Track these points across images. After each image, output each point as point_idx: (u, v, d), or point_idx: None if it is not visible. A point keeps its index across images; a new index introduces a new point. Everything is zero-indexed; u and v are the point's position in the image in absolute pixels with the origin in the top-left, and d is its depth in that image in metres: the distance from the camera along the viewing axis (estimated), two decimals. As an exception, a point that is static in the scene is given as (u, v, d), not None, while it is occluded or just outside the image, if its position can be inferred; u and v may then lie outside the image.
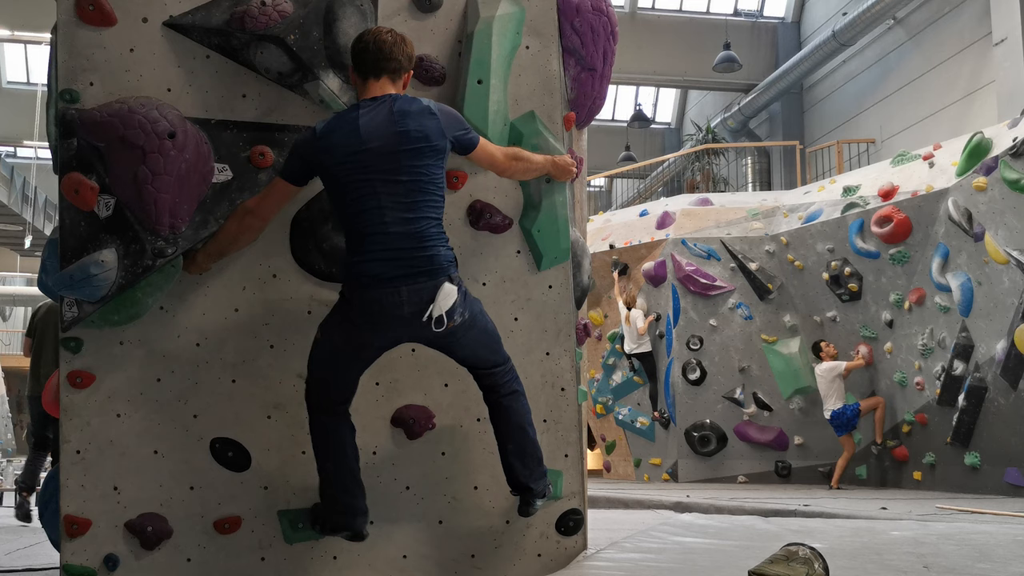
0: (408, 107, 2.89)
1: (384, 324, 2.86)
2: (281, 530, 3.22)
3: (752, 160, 18.60)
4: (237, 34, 3.10)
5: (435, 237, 2.88)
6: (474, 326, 2.97)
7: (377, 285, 2.81)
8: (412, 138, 2.84)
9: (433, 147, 2.88)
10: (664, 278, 10.85)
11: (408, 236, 2.83)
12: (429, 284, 2.81)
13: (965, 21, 14.44)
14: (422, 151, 2.86)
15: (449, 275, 2.86)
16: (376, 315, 2.83)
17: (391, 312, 2.82)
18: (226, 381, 3.23)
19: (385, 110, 2.87)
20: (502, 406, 3.07)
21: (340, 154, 2.85)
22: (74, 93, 3.12)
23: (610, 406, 11.69)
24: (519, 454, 3.07)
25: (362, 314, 2.85)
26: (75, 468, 3.14)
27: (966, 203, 8.41)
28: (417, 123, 2.86)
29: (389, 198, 2.83)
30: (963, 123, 13.62)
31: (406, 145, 2.84)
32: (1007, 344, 8.05)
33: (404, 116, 2.86)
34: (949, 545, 4.01)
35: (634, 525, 5.38)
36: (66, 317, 3.09)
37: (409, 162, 2.84)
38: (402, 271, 2.81)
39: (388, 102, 2.90)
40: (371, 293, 2.82)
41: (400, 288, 2.80)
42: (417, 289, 2.81)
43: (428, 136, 2.87)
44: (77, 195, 3.04)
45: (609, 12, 3.61)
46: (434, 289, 2.81)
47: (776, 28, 20.55)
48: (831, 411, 9.33)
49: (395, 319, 2.84)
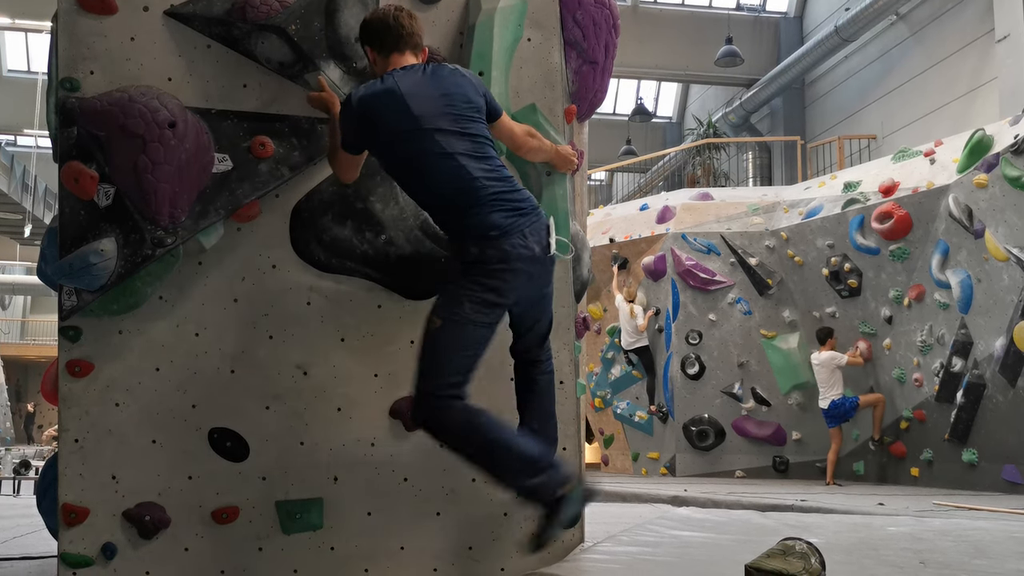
0: (441, 72, 2.92)
1: (523, 270, 2.81)
2: (279, 521, 3.22)
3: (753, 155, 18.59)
4: (238, 24, 3.09)
5: (513, 181, 2.93)
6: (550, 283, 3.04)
7: (506, 234, 2.78)
8: (456, 97, 2.87)
9: (474, 105, 2.91)
10: (664, 272, 10.85)
11: (499, 181, 2.85)
12: (539, 220, 2.87)
13: (968, 18, 14.41)
14: (468, 109, 2.89)
15: (535, 206, 2.91)
16: (515, 261, 2.78)
17: (526, 255, 2.81)
18: (225, 371, 3.23)
19: (420, 75, 2.90)
20: (539, 384, 3.09)
21: (386, 124, 2.84)
22: (74, 82, 3.11)
23: (608, 400, 11.70)
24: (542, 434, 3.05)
25: (502, 266, 2.77)
26: (73, 457, 3.14)
27: (967, 200, 8.40)
28: (455, 83, 2.90)
29: (463, 155, 2.82)
30: (965, 120, 13.61)
31: (454, 104, 2.86)
32: (1006, 341, 8.05)
33: (440, 80, 2.89)
34: (946, 541, 4.02)
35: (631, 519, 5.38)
36: (65, 306, 3.09)
37: (463, 119, 2.87)
38: (516, 215, 2.82)
39: (420, 70, 2.92)
40: (504, 243, 2.77)
41: (523, 229, 2.82)
42: (535, 227, 2.85)
43: (467, 95, 2.90)
44: (77, 184, 3.04)
45: (611, 5, 3.60)
46: (544, 223, 2.88)
47: (778, 23, 20.52)
48: (831, 400, 9.30)
49: (530, 260, 2.82)
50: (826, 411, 9.40)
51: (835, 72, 18.48)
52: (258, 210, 3.22)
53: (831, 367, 9.33)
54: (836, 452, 9.44)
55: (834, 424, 9.40)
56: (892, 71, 16.50)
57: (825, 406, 9.39)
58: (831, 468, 9.40)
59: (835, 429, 9.42)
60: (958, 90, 14.54)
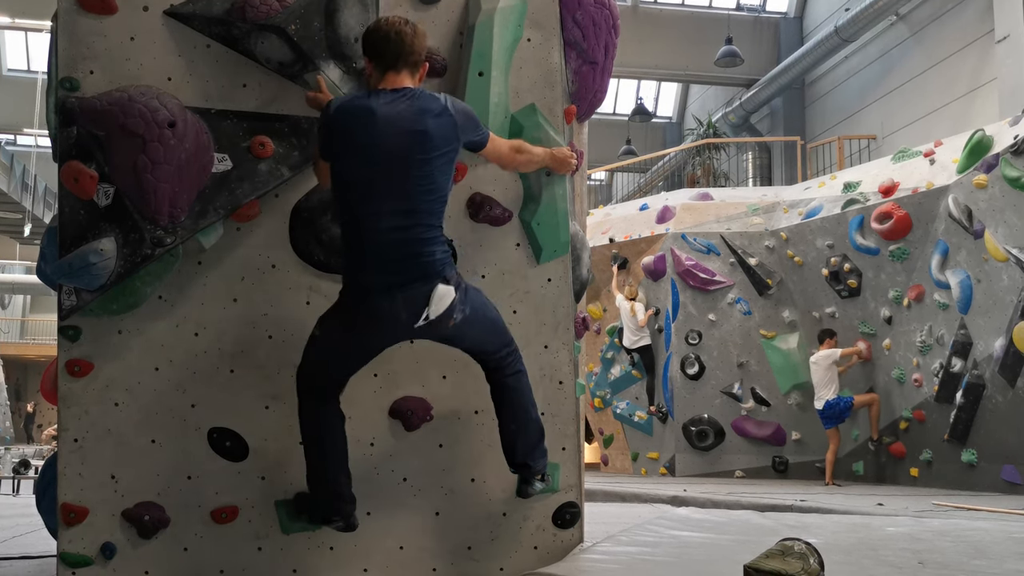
0: (428, 105, 2.85)
1: (383, 330, 2.88)
2: (278, 520, 3.23)
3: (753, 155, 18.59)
4: (238, 23, 3.09)
5: (430, 242, 2.83)
6: (477, 320, 2.96)
7: (373, 294, 2.81)
8: (428, 138, 2.82)
9: (447, 151, 2.87)
10: (663, 272, 10.85)
11: (402, 244, 2.80)
12: (424, 288, 2.79)
13: (967, 18, 14.42)
14: (435, 154, 2.84)
15: (444, 277, 2.82)
16: (375, 322, 2.84)
17: (389, 319, 2.82)
18: (224, 371, 3.23)
19: (405, 105, 2.84)
20: (507, 386, 3.08)
21: (351, 140, 2.83)
22: (74, 81, 3.12)
23: (608, 400, 11.70)
24: (522, 433, 3.09)
25: (362, 322, 2.86)
26: (73, 456, 3.14)
27: (966, 200, 8.40)
28: (436, 124, 2.84)
29: (388, 204, 2.80)
30: (964, 120, 13.61)
31: (421, 147, 2.81)
32: (1005, 342, 8.05)
33: (423, 115, 2.83)
34: (945, 542, 4.02)
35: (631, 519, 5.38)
36: (64, 305, 3.09)
37: (419, 166, 2.82)
38: (396, 278, 2.79)
39: (408, 97, 2.87)
40: (368, 302, 2.82)
41: (395, 295, 2.79)
42: (412, 295, 2.79)
43: (446, 138, 2.85)
44: (76, 183, 3.04)
45: (611, 5, 3.60)
46: (429, 293, 2.79)
47: (778, 23, 20.52)
48: (825, 401, 9.28)
49: (394, 324, 2.84)
50: (821, 412, 9.38)
51: (835, 72, 18.48)
52: (258, 210, 3.22)
53: (826, 365, 9.30)
54: (835, 452, 9.43)
55: (830, 425, 9.38)
56: (892, 71, 16.50)
57: (820, 406, 9.37)
58: (830, 468, 9.40)
59: (832, 430, 9.40)
60: (958, 90, 14.54)
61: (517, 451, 3.10)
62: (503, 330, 3.09)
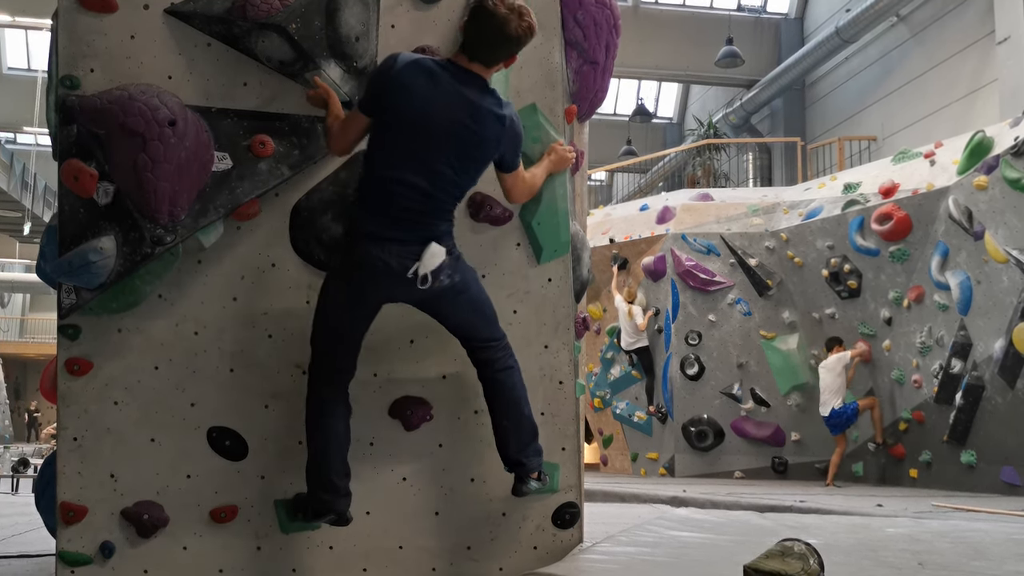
0: (495, 108, 2.90)
1: (375, 279, 2.89)
2: (277, 520, 3.22)
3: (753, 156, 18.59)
4: (239, 22, 3.08)
5: (440, 220, 2.93)
6: (466, 291, 3.00)
7: (369, 241, 2.86)
8: (480, 138, 2.89)
9: (487, 154, 2.96)
10: (664, 273, 10.85)
11: (416, 214, 2.87)
12: (418, 247, 2.86)
13: (968, 19, 14.42)
14: (477, 153, 2.93)
15: (440, 240, 2.89)
16: (367, 270, 2.87)
17: (381, 267, 2.85)
18: (224, 370, 3.23)
19: (474, 93, 2.88)
20: (497, 381, 3.09)
21: (409, 98, 2.83)
22: (74, 79, 3.11)
23: (608, 400, 11.70)
24: (514, 430, 3.09)
25: (355, 266, 2.89)
26: (72, 455, 3.14)
27: (966, 202, 8.40)
28: (494, 128, 2.90)
29: (416, 177, 2.85)
30: (965, 122, 13.60)
31: (470, 140, 2.88)
32: (1005, 343, 8.05)
33: (486, 113, 2.88)
34: (944, 543, 4.02)
35: (630, 519, 5.38)
36: (64, 304, 3.09)
37: (459, 156, 2.89)
38: (398, 234, 2.86)
39: (480, 87, 2.90)
40: (362, 247, 2.87)
41: (390, 246, 2.85)
42: (407, 250, 2.86)
43: (494, 144, 2.93)
44: (76, 182, 3.03)
45: (612, 5, 3.60)
46: (422, 250, 2.85)
47: (779, 24, 20.53)
48: (832, 408, 9.25)
49: (385, 273, 2.86)
50: (827, 419, 9.37)
51: (836, 73, 18.48)
52: (258, 209, 3.22)
53: (838, 369, 9.28)
54: (840, 455, 9.43)
55: (838, 431, 9.39)
56: (892, 72, 16.50)
57: (826, 413, 9.35)
58: (833, 470, 9.39)
59: (840, 435, 9.41)
60: (958, 92, 14.54)
61: (511, 448, 3.10)
62: (493, 319, 3.11)
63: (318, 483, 3.00)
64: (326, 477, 2.99)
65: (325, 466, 2.98)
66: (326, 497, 2.99)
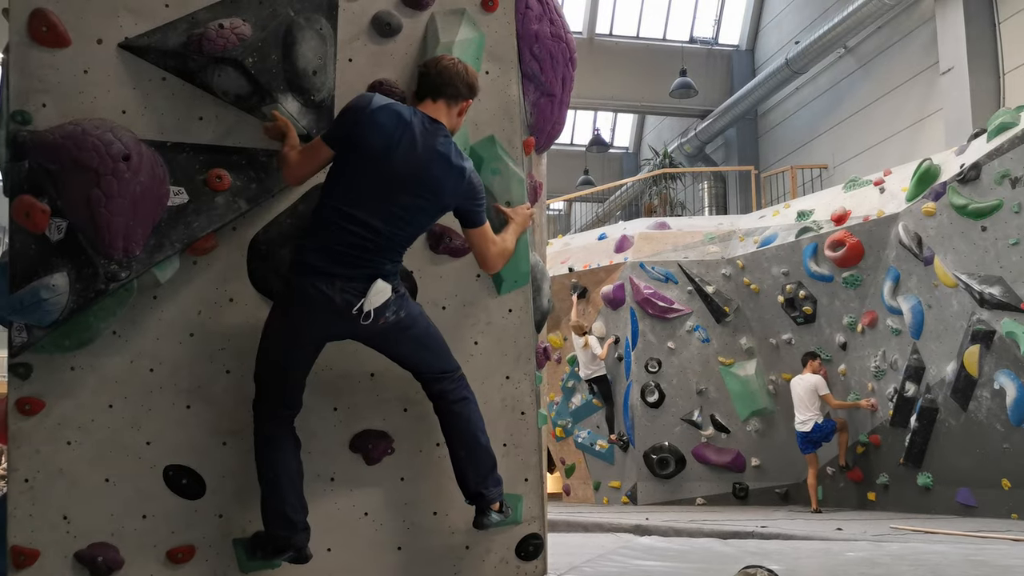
0: (454, 159, 2.97)
1: (316, 313, 2.88)
2: (236, 559, 3.16)
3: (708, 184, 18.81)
4: (194, 56, 3.07)
5: (387, 261, 2.94)
6: (412, 327, 3.01)
7: (314, 274, 2.86)
8: (440, 186, 2.94)
9: (444, 203, 3.00)
10: (623, 301, 10.92)
11: (364, 251, 2.89)
12: (364, 284, 2.88)
13: (913, 51, 14.81)
14: (434, 201, 2.97)
15: (385, 278, 2.90)
16: (309, 303, 2.87)
17: (323, 302, 2.85)
18: (180, 407, 3.17)
19: (439, 143, 2.95)
20: (453, 413, 3.08)
21: (377, 141, 2.88)
22: (26, 114, 3.07)
23: (569, 429, 11.69)
24: (472, 461, 3.08)
25: (297, 301, 2.89)
26: (23, 497, 3.05)
27: (916, 228, 8.59)
28: (453, 179, 2.96)
29: (371, 216, 2.88)
30: (912, 149, 13.93)
31: (429, 187, 2.93)
32: (957, 366, 8.21)
33: (447, 163, 2.95)
34: (903, 565, 4.06)
35: (594, 549, 5.36)
36: (15, 342, 3.02)
37: (416, 202, 2.93)
38: (344, 270, 2.87)
39: (443, 137, 2.98)
40: (306, 280, 2.87)
41: (335, 281, 2.85)
42: (351, 285, 2.86)
43: (453, 193, 2.98)
44: (28, 218, 2.98)
45: (568, 39, 3.65)
46: (367, 287, 2.86)
47: (731, 55, 20.90)
48: (814, 423, 9.11)
49: (327, 309, 2.86)
50: (808, 434, 9.18)
51: (786, 103, 18.84)
52: (215, 243, 3.19)
53: (810, 389, 9.21)
54: (815, 476, 9.35)
55: (810, 450, 9.26)
56: (841, 102, 16.86)
57: (808, 429, 9.17)
58: (814, 493, 9.28)
59: (812, 455, 9.30)
60: (905, 121, 14.90)
61: (469, 480, 3.09)
62: (444, 352, 3.11)
63: (273, 519, 2.96)
64: (280, 512, 2.95)
65: (279, 500, 2.95)
66: (283, 533, 2.95)
